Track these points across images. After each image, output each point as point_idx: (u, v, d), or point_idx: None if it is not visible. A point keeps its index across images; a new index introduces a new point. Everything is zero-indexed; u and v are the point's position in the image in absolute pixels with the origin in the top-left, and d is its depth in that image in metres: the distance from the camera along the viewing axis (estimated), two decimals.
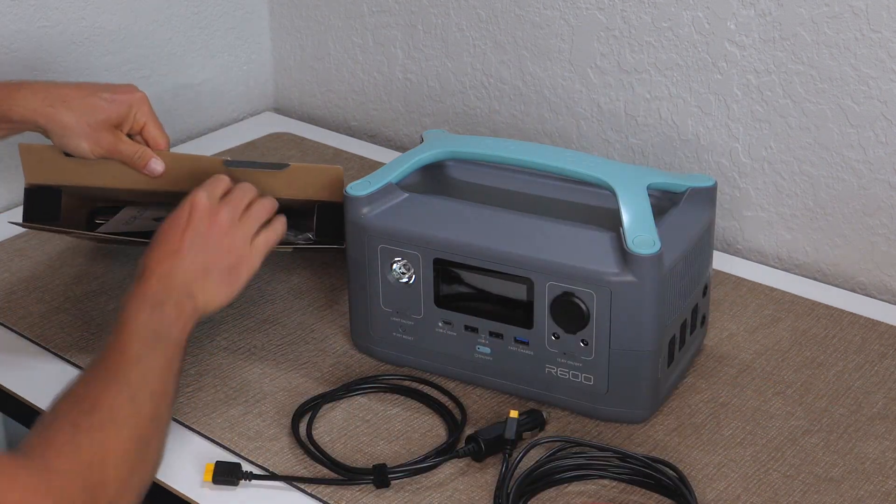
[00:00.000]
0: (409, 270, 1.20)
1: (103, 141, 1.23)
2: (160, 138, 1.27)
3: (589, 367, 1.14)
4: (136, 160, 1.25)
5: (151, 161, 1.25)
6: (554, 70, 1.61)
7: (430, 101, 1.77)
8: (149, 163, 1.25)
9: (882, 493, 1.07)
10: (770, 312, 1.35)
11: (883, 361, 1.26)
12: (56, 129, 1.22)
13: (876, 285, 1.42)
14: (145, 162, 1.25)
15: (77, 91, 1.24)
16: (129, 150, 1.24)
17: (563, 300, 1.12)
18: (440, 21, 1.71)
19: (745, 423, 1.17)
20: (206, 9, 1.83)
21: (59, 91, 1.24)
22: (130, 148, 1.24)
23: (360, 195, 1.20)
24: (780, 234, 1.48)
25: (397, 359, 1.25)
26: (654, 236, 1.10)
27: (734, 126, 1.47)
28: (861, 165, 1.39)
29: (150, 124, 1.26)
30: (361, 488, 1.09)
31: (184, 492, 1.09)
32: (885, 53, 1.32)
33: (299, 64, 1.92)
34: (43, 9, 1.63)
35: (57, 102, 1.22)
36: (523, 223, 1.16)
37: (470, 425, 1.16)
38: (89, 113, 1.22)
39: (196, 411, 1.19)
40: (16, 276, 1.43)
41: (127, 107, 1.24)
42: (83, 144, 1.23)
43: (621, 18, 1.52)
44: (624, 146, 1.58)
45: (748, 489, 1.08)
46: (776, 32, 1.40)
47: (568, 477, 1.09)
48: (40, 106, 1.22)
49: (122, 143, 1.24)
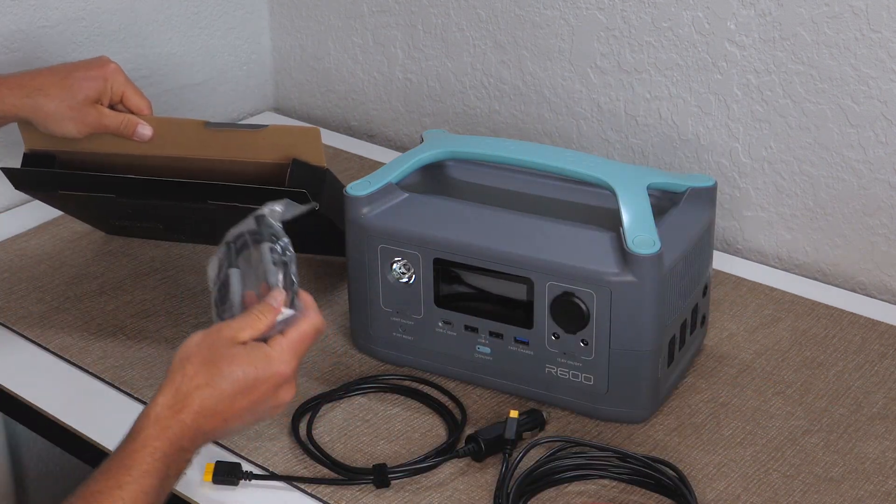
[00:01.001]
0: (409, 270, 1.20)
1: (88, 119, 1.26)
2: (142, 103, 1.29)
3: (589, 367, 1.14)
4: (123, 129, 1.27)
5: (139, 127, 1.28)
6: (554, 70, 1.61)
7: (430, 101, 1.77)
8: (136, 129, 1.28)
9: (882, 493, 1.07)
10: (770, 312, 1.35)
11: (883, 361, 1.26)
12: (40, 118, 1.25)
13: (876, 285, 1.42)
14: (133, 129, 1.28)
15: (51, 76, 1.26)
16: (115, 121, 1.27)
17: (563, 300, 1.12)
18: (440, 21, 1.71)
19: (745, 423, 1.17)
20: (205, 9, 1.83)
21: (34, 80, 1.26)
22: (115, 119, 1.27)
23: (360, 195, 1.20)
24: (780, 234, 1.48)
25: (397, 359, 1.25)
26: (654, 236, 1.10)
27: (734, 126, 1.47)
28: (861, 165, 1.39)
29: (128, 92, 1.28)
30: (361, 488, 1.09)
31: (184, 491, 1.09)
32: (885, 53, 1.32)
33: (299, 64, 1.92)
34: (43, 9, 1.63)
35: (34, 92, 1.25)
36: (523, 223, 1.16)
37: (470, 425, 1.16)
38: (68, 95, 1.25)
39: None
40: (16, 276, 1.43)
41: (102, 81, 1.26)
42: (69, 126, 1.26)
43: (621, 18, 1.52)
44: (624, 146, 1.58)
45: (748, 489, 1.08)
46: (776, 32, 1.40)
47: (568, 477, 1.09)
48: (18, 99, 1.25)
49: (106, 116, 1.27)
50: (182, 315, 1.35)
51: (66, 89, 1.25)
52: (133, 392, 1.22)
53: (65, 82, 1.25)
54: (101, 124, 1.26)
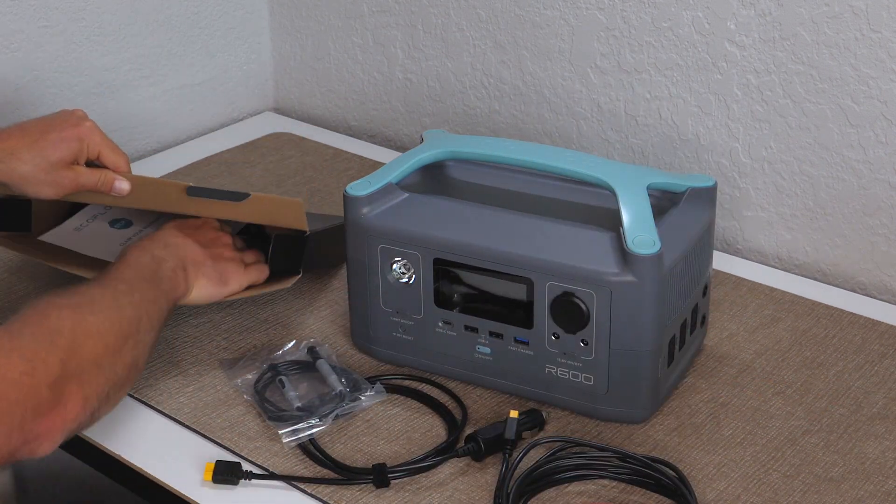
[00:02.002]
0: (409, 270, 1.20)
1: (64, 181, 1.21)
2: (119, 161, 1.25)
3: (589, 367, 1.14)
4: (100, 186, 1.23)
5: (115, 183, 1.24)
6: (554, 70, 1.61)
7: (430, 101, 1.77)
8: (113, 185, 1.24)
9: (882, 493, 1.07)
10: (770, 312, 1.35)
11: (883, 361, 1.26)
12: (15, 182, 1.20)
13: (876, 285, 1.42)
14: (110, 185, 1.23)
15: (23, 139, 1.20)
16: (92, 180, 1.23)
17: (563, 300, 1.12)
18: (440, 21, 1.71)
19: (745, 423, 1.17)
20: (205, 9, 1.83)
21: (5, 143, 1.20)
22: (92, 177, 1.23)
23: (360, 195, 1.20)
24: (780, 234, 1.48)
25: (397, 359, 1.25)
26: (654, 236, 1.10)
27: (734, 126, 1.47)
28: (861, 165, 1.39)
29: (104, 151, 1.24)
30: (361, 488, 1.09)
31: (184, 491, 1.09)
32: (885, 53, 1.32)
33: (299, 64, 1.92)
34: (43, 9, 1.63)
35: (6, 156, 1.19)
36: (523, 223, 1.16)
37: (470, 425, 1.16)
38: (42, 159, 1.19)
39: (196, 411, 1.19)
40: (16, 275, 1.43)
41: (78, 142, 1.22)
42: (45, 190, 1.21)
43: (621, 18, 1.52)
44: (624, 146, 1.58)
45: (748, 489, 1.08)
46: (776, 32, 1.40)
47: (568, 477, 1.09)
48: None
49: (82, 175, 1.22)
50: (182, 314, 1.35)
51: (39, 152, 1.19)
52: (133, 392, 1.22)
53: (38, 145, 1.20)
54: (77, 184, 1.21)
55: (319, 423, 1.14)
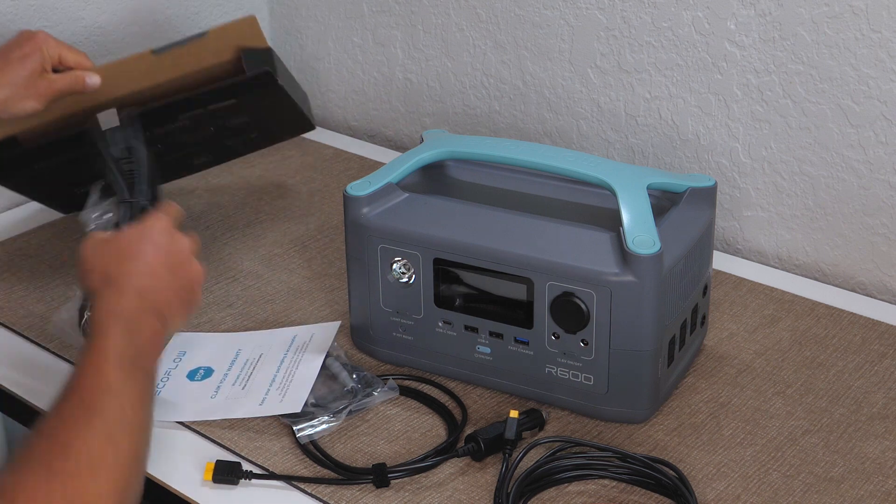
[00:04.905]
0: (409, 270, 1.20)
1: (41, 90, 1.30)
2: (79, 58, 1.34)
3: (589, 367, 1.14)
4: (74, 86, 1.32)
5: (87, 78, 1.33)
6: (554, 70, 1.61)
7: (430, 101, 1.77)
8: (85, 81, 1.33)
9: (882, 493, 1.07)
10: (770, 312, 1.35)
11: (883, 361, 1.26)
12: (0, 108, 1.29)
13: (876, 285, 1.42)
14: (82, 82, 1.33)
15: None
16: (65, 82, 1.32)
17: (563, 300, 1.12)
18: (440, 21, 1.71)
19: (745, 423, 1.17)
20: (205, 9, 1.83)
21: None
22: (65, 79, 1.32)
23: (360, 195, 1.20)
24: (780, 234, 1.48)
25: (397, 359, 1.25)
26: (654, 236, 1.10)
27: (734, 126, 1.47)
28: (861, 165, 1.39)
29: (63, 52, 1.33)
30: (361, 488, 1.09)
31: (184, 491, 1.09)
32: (885, 53, 1.32)
33: (299, 64, 1.92)
34: (43, 9, 1.63)
35: None
36: (523, 223, 1.16)
37: (470, 425, 1.16)
38: (15, 77, 1.29)
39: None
40: (16, 276, 1.43)
41: (38, 52, 1.30)
42: (29, 103, 1.30)
43: (621, 18, 1.52)
44: (624, 146, 1.58)
45: (748, 489, 1.08)
46: (776, 32, 1.40)
47: (568, 477, 1.09)
48: None
49: (56, 81, 1.31)
50: None
51: (9, 73, 1.29)
52: None
53: (7, 68, 1.29)
54: (54, 89, 1.30)
55: (332, 420, 1.15)
